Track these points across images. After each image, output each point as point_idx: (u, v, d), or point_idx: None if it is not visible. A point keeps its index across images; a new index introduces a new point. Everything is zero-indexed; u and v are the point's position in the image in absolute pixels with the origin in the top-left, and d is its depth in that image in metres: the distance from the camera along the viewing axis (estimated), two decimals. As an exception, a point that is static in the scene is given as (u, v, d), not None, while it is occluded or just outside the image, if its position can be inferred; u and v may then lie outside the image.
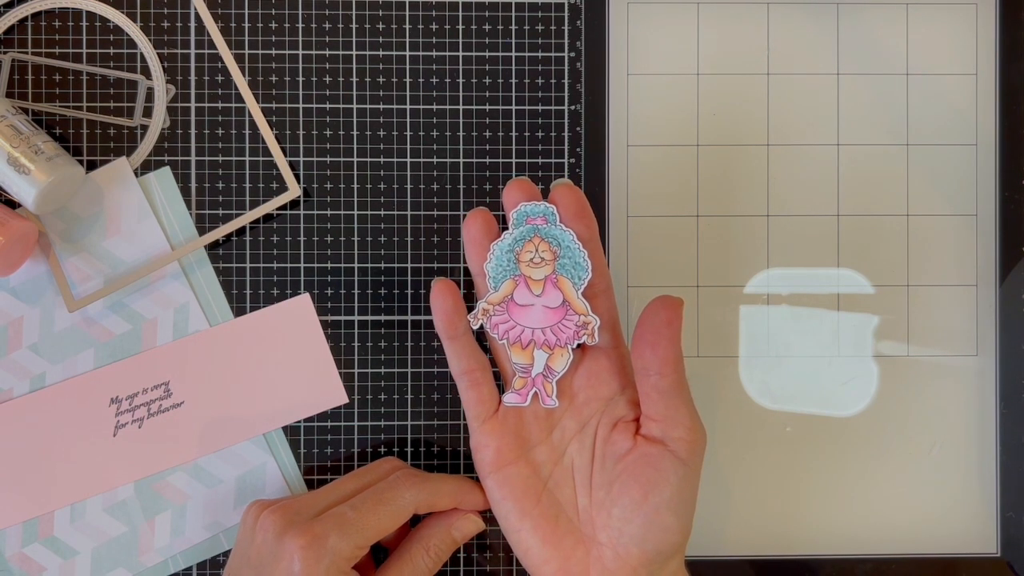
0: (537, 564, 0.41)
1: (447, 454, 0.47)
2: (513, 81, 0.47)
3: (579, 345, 0.41)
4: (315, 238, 0.47)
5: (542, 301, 0.41)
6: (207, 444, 0.46)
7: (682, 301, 0.39)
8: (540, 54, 0.47)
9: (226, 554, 0.47)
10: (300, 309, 0.47)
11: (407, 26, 0.47)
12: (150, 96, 0.47)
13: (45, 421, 0.46)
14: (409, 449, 0.47)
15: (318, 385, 0.46)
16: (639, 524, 0.39)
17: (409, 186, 0.47)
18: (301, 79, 0.47)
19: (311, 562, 0.37)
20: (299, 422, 0.47)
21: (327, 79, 0.47)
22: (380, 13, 0.47)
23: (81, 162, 0.46)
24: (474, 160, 0.47)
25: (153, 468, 0.46)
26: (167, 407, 0.46)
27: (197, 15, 0.47)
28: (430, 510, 0.43)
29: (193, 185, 0.47)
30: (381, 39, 0.47)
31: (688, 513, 0.40)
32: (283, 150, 0.47)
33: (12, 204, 0.46)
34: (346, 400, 0.47)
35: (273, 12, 0.47)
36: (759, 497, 0.48)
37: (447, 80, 0.47)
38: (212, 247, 0.47)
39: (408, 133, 0.47)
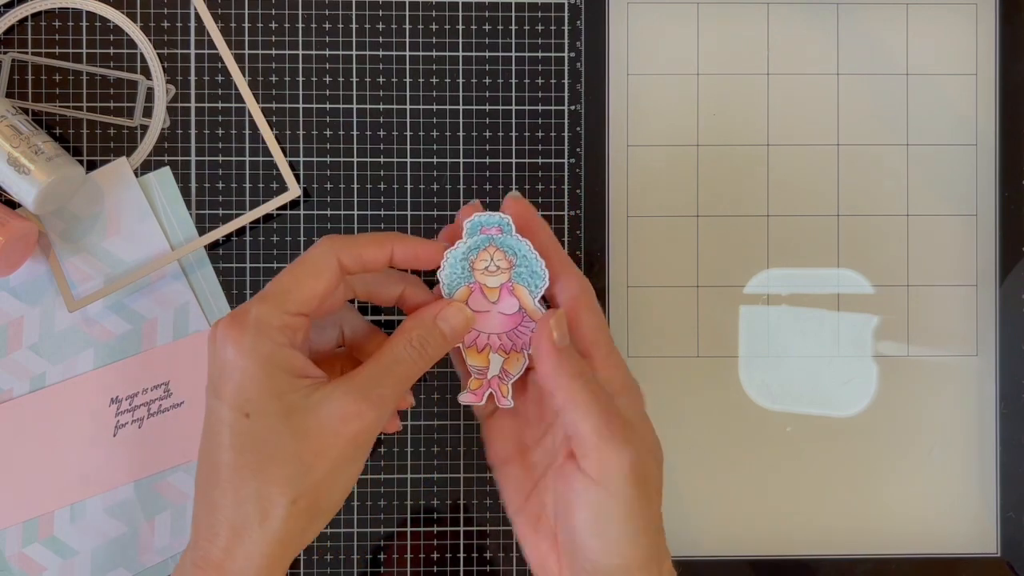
0: (526, 555, 0.41)
1: (447, 454, 0.47)
2: (513, 81, 0.47)
3: None
4: (315, 238, 0.47)
5: (498, 308, 0.41)
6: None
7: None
8: (540, 54, 0.47)
9: (226, 554, 0.47)
10: None
11: (407, 26, 0.47)
12: (150, 96, 0.47)
13: (45, 421, 0.46)
14: (409, 449, 0.47)
15: None
16: (567, 540, 0.38)
17: (409, 186, 0.47)
18: (301, 79, 0.47)
19: (237, 338, 0.35)
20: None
21: (327, 79, 0.47)
22: (380, 13, 0.47)
23: (81, 162, 0.46)
24: (474, 160, 0.47)
25: (153, 468, 0.46)
26: (167, 407, 0.46)
27: (197, 15, 0.47)
28: (363, 265, 0.38)
29: (193, 185, 0.47)
30: (381, 39, 0.47)
31: (622, 538, 0.36)
32: (283, 150, 0.47)
33: (12, 204, 0.46)
34: None
35: (273, 12, 0.47)
36: (759, 497, 0.48)
37: (447, 80, 0.47)
38: (212, 247, 0.47)
39: (408, 133, 0.47)
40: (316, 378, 0.36)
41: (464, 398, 0.42)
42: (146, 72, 0.47)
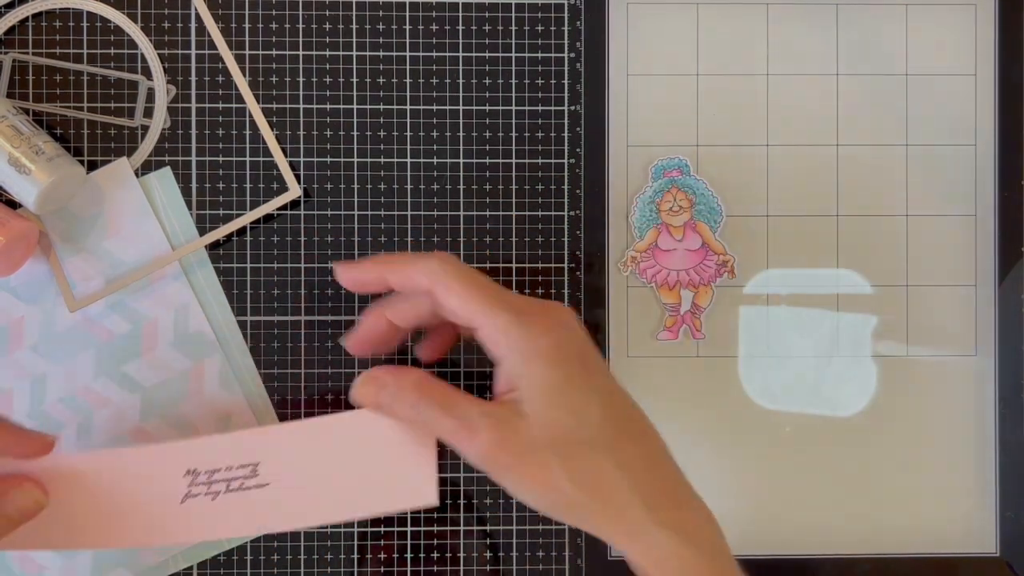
0: None
1: (447, 453, 0.47)
2: (513, 81, 0.47)
3: None
4: (315, 238, 0.47)
5: (683, 245, 0.46)
6: (279, 522, 0.42)
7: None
8: (540, 54, 0.47)
9: (227, 553, 0.47)
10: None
11: (407, 26, 0.47)
12: (151, 96, 0.47)
13: (112, 479, 0.41)
14: (409, 449, 0.47)
15: (407, 484, 0.42)
16: None
17: (409, 186, 0.47)
18: (301, 79, 0.47)
19: None
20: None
21: (327, 79, 0.47)
22: (380, 13, 0.47)
23: (82, 162, 0.46)
24: (474, 160, 0.47)
25: (214, 533, 0.42)
26: (250, 486, 0.41)
27: (197, 15, 0.47)
28: None
29: (193, 185, 0.47)
30: (381, 39, 0.47)
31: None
32: (283, 150, 0.47)
33: (13, 204, 0.46)
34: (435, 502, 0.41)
35: (273, 12, 0.47)
36: (758, 497, 0.48)
37: (447, 80, 0.47)
38: (212, 247, 0.47)
39: (408, 133, 0.47)
40: None
41: (662, 335, 0.47)
42: (147, 72, 0.47)
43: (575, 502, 0.36)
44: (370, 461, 0.41)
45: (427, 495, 0.40)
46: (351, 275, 0.40)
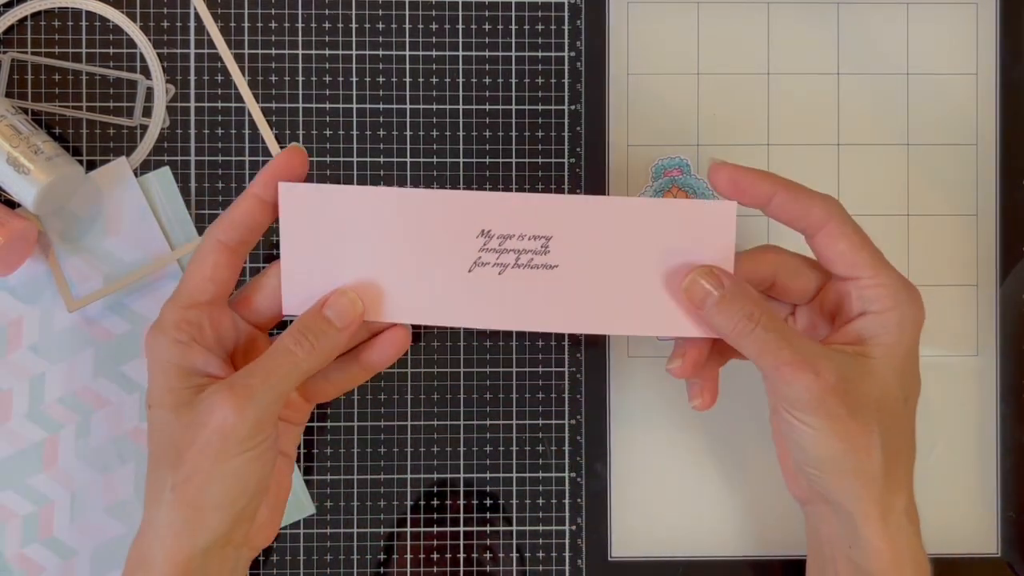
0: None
1: (447, 454, 0.47)
2: (513, 81, 0.47)
3: None
4: (315, 238, 0.47)
5: None
6: (570, 320, 0.39)
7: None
8: (540, 54, 0.47)
9: (226, 554, 0.47)
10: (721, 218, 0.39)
11: (407, 26, 0.47)
12: (150, 96, 0.47)
13: (408, 223, 0.38)
14: (409, 449, 0.47)
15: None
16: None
17: (409, 186, 0.47)
18: (301, 79, 0.47)
19: (147, 338, 0.37)
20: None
21: (327, 79, 0.47)
22: (380, 13, 0.47)
23: (81, 162, 0.46)
24: (474, 160, 0.47)
25: (507, 322, 0.39)
26: (538, 264, 0.38)
27: (197, 15, 0.47)
28: (238, 230, 0.38)
29: (193, 185, 0.47)
30: (381, 39, 0.47)
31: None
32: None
33: (12, 204, 0.46)
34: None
35: (273, 12, 0.47)
36: (760, 497, 0.48)
37: (447, 80, 0.47)
38: (212, 247, 0.47)
39: (408, 133, 0.47)
40: (215, 376, 0.37)
41: (663, 336, 0.45)
42: (146, 72, 0.47)
43: (867, 470, 0.36)
44: (665, 265, 0.38)
45: None
46: (732, 176, 0.37)
